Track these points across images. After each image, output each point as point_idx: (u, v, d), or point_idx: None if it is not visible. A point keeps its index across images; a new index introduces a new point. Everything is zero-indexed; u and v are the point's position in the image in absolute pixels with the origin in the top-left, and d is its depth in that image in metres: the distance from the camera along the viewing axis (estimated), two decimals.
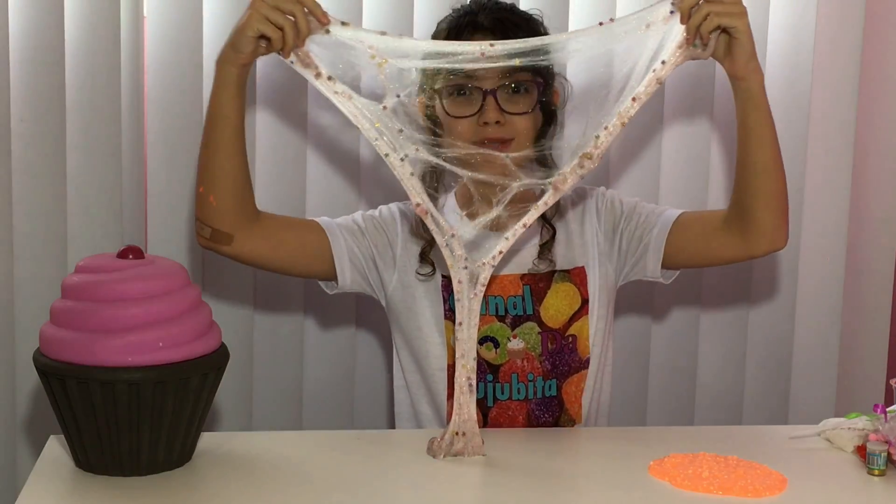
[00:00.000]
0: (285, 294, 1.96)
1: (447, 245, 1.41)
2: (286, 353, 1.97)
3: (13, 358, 1.83)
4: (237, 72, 1.45)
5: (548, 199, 1.42)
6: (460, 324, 1.41)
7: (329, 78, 1.40)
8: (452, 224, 1.63)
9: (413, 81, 1.43)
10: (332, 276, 1.65)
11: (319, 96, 1.88)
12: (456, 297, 1.41)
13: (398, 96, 1.40)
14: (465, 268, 1.41)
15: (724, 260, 1.65)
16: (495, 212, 1.41)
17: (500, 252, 1.42)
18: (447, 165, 1.42)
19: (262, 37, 1.40)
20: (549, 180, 1.42)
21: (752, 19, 1.97)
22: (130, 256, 1.32)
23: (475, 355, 1.42)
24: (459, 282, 1.41)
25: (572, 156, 1.41)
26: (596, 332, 1.65)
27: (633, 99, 1.39)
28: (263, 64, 1.86)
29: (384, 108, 1.39)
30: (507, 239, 1.42)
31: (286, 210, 1.90)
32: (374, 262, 1.65)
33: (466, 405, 1.41)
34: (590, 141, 1.40)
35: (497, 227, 1.53)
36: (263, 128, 1.90)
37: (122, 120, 1.83)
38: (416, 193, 1.41)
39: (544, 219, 1.64)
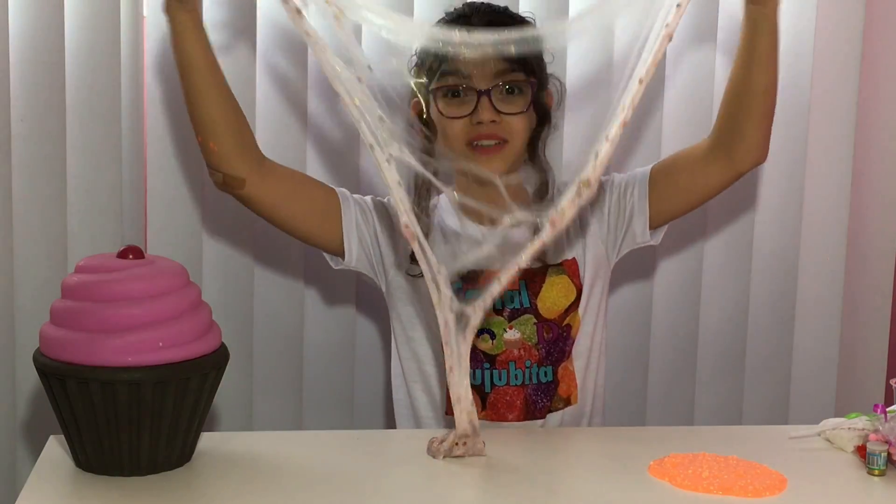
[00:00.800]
0: (285, 294, 1.96)
1: (433, 280, 1.28)
2: (286, 352, 1.98)
3: (13, 358, 1.83)
4: (191, 16, 1.44)
5: (545, 237, 1.30)
6: (451, 369, 1.33)
7: (298, 12, 1.16)
8: (447, 222, 1.64)
9: (398, 68, 1.32)
10: (338, 249, 1.64)
11: (319, 94, 1.90)
12: (444, 340, 1.33)
13: (370, 68, 1.21)
14: (452, 310, 1.28)
15: (711, 188, 1.65)
16: (497, 287, 1.31)
17: (493, 296, 1.31)
18: (433, 179, 1.32)
19: None
20: (545, 215, 1.28)
21: None
22: (130, 256, 1.32)
23: (471, 398, 1.36)
24: (446, 324, 1.29)
25: (571, 183, 1.29)
26: (586, 312, 1.66)
27: (640, 81, 1.22)
28: (262, 63, 1.87)
29: (358, 79, 1.19)
30: (499, 282, 1.31)
31: None
32: (378, 244, 1.65)
33: (468, 420, 1.37)
34: (588, 162, 1.26)
35: (498, 223, 1.54)
36: (263, 120, 1.90)
37: (122, 120, 1.83)
38: (404, 210, 1.26)
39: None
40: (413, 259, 1.64)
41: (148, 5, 1.83)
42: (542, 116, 1.64)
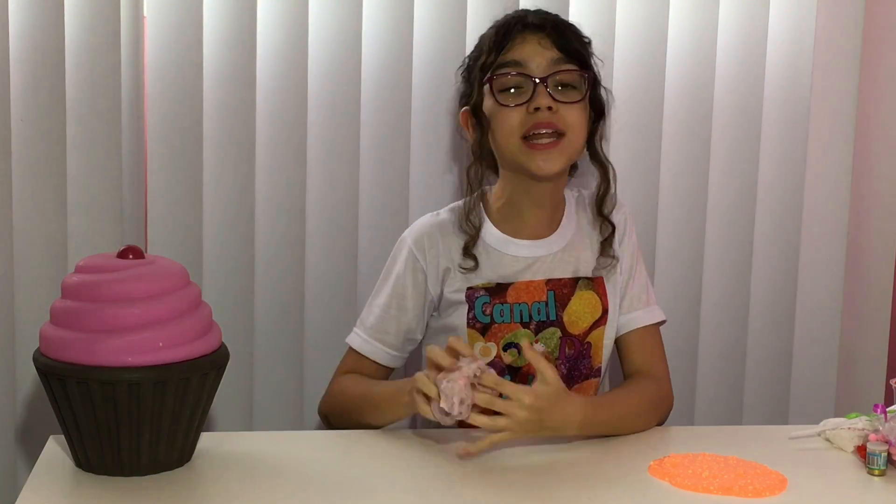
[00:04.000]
0: (285, 294, 1.95)
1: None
2: (286, 353, 1.97)
3: (13, 358, 1.83)
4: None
5: None
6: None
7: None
8: (485, 230, 1.64)
9: None
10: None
11: (319, 95, 1.90)
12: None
13: None
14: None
15: None
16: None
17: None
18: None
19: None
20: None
21: (753, 19, 2.00)
22: (130, 256, 1.32)
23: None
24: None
25: None
26: (609, 342, 1.66)
27: None
28: (263, 63, 1.87)
29: None
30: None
31: (286, 208, 1.90)
32: (424, 307, 1.65)
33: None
34: None
35: (527, 234, 1.61)
36: (263, 125, 1.90)
37: (122, 120, 1.83)
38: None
39: (602, 215, 1.65)
40: (465, 252, 1.62)
41: (148, 5, 1.83)
42: (599, 113, 1.63)
